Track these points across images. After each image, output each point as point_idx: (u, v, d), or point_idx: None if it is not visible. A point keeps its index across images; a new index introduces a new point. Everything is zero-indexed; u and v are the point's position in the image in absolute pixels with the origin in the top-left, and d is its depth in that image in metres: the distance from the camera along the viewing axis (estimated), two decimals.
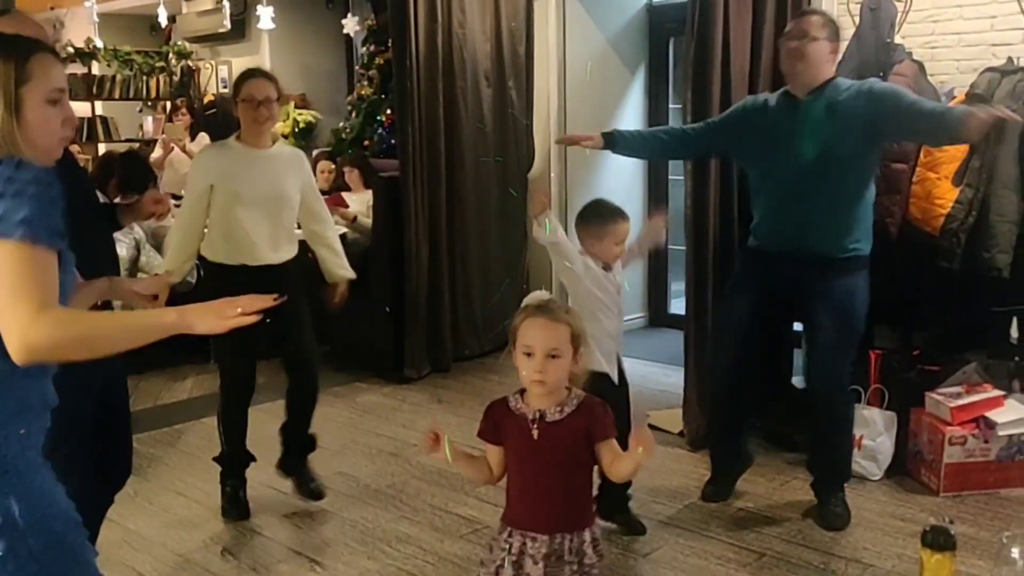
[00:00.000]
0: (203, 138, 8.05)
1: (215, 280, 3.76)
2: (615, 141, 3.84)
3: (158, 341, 2.15)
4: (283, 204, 3.74)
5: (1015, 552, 1.34)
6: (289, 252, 3.82)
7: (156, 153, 7.95)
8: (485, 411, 2.30)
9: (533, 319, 2.17)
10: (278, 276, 3.66)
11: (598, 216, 3.38)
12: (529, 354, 2.15)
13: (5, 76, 1.69)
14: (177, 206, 3.89)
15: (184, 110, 8.25)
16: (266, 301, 1.81)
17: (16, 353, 1.59)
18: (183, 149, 7.64)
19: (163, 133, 8.31)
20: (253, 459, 3.91)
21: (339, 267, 4.04)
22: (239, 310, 1.77)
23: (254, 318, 1.78)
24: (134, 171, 6.25)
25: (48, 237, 1.62)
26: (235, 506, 3.82)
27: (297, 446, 3.98)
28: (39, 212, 1.61)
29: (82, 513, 1.80)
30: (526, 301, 2.31)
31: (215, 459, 3.89)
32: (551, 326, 2.15)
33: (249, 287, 2.52)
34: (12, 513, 1.64)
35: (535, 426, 2.18)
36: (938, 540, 1.26)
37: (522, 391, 2.24)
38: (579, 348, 2.18)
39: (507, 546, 2.21)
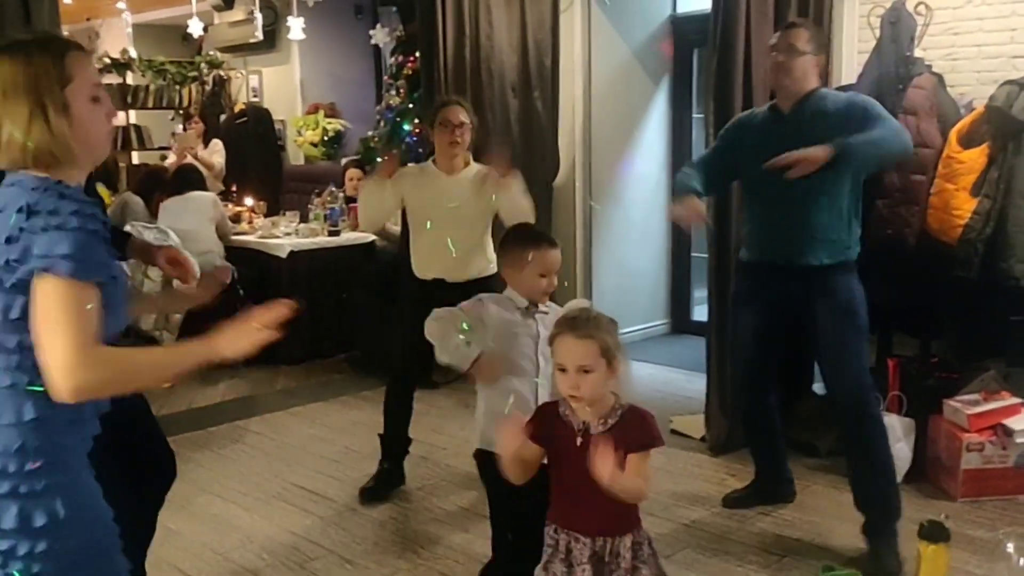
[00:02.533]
0: (216, 145, 8.21)
1: (416, 293, 4.04)
2: (701, 196, 3.71)
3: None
4: (471, 222, 3.99)
5: (1010, 547, 1.43)
6: (480, 269, 4.03)
7: (169, 160, 8.14)
8: (535, 412, 2.39)
9: (563, 336, 2.24)
10: (476, 291, 3.89)
11: (517, 240, 2.93)
12: (563, 370, 2.22)
13: (49, 79, 1.68)
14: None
15: (197, 118, 8.41)
16: (281, 311, 1.81)
17: (61, 393, 1.62)
18: (195, 156, 7.78)
19: (174, 141, 8.49)
20: (408, 445, 4.26)
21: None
22: (259, 327, 1.79)
23: (277, 333, 1.80)
24: (183, 182, 6.46)
25: (91, 272, 1.63)
26: (378, 486, 4.13)
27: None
28: (82, 246, 1.62)
29: (124, 516, 1.88)
30: (563, 310, 2.40)
31: (380, 435, 4.23)
32: (580, 343, 2.20)
33: (431, 296, 3.24)
34: (57, 514, 1.71)
35: (580, 435, 2.25)
36: (933, 532, 1.36)
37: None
38: (612, 360, 2.21)
39: (554, 542, 2.31)
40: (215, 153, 8.19)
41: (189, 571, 3.45)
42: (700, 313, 6.79)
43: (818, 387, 4.69)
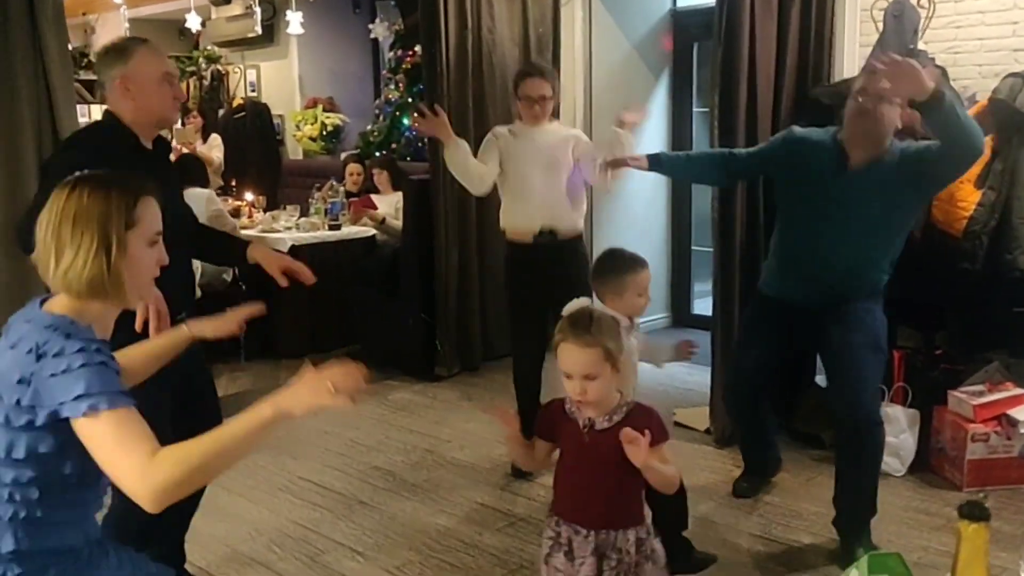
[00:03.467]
0: (214, 139, 8.20)
1: (508, 256, 4.24)
2: (660, 162, 3.77)
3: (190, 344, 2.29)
4: (559, 170, 4.08)
5: None
6: (571, 223, 4.17)
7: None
8: (542, 409, 2.41)
9: (566, 343, 2.24)
10: (566, 253, 4.13)
11: (614, 270, 3.01)
12: (568, 376, 2.24)
13: (119, 217, 1.75)
14: None
15: (195, 113, 8.39)
16: (357, 379, 1.73)
17: (147, 505, 1.62)
18: (194, 151, 7.76)
19: (172, 137, 8.46)
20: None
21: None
22: (332, 387, 1.70)
23: (348, 400, 1.71)
24: (183, 175, 6.43)
25: (112, 399, 1.64)
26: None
27: None
28: (100, 379, 1.64)
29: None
30: (565, 311, 2.38)
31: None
32: (583, 352, 2.21)
33: (545, 256, 3.89)
34: None
35: (586, 432, 2.28)
36: (974, 511, 1.37)
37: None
38: (616, 363, 2.23)
39: (555, 534, 2.32)
40: (214, 148, 8.18)
41: (199, 563, 3.45)
42: (701, 307, 6.82)
43: (821, 379, 4.71)
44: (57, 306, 1.77)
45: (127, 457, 1.62)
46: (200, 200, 6.37)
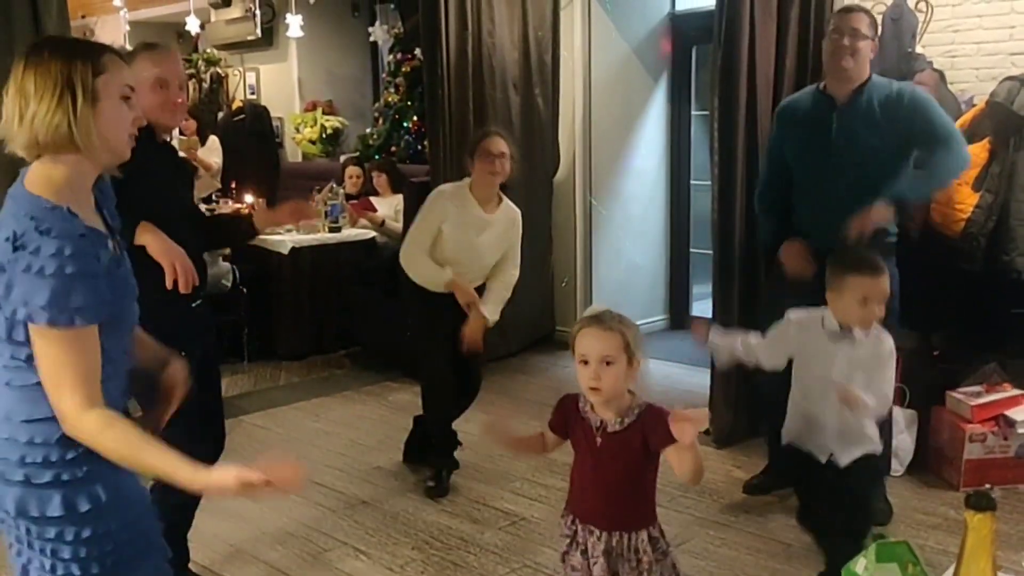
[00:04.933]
0: (213, 143, 8.19)
1: (418, 297, 4.11)
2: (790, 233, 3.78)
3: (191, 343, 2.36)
4: (484, 260, 4.12)
5: None
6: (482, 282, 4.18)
7: None
8: (557, 403, 2.39)
9: (587, 329, 2.25)
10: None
11: (840, 264, 2.89)
12: (585, 362, 2.23)
13: (83, 67, 1.73)
14: None
15: (187, 115, 8.35)
16: (291, 481, 1.70)
17: (63, 428, 1.72)
18: (194, 157, 7.70)
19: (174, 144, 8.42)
20: (460, 443, 4.31)
21: (488, 304, 4.16)
22: (259, 483, 1.67)
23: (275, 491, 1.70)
24: None
25: (72, 317, 1.65)
26: (438, 483, 4.15)
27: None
28: (59, 293, 1.64)
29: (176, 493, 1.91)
30: (587, 312, 2.39)
31: (413, 417, 4.40)
32: (604, 335, 2.22)
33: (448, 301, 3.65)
34: (100, 499, 1.76)
35: (598, 434, 2.27)
36: (980, 501, 1.40)
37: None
38: (633, 357, 2.23)
39: (571, 532, 2.33)
40: (213, 152, 8.16)
41: (203, 561, 3.47)
42: (699, 309, 6.85)
43: None
44: (34, 183, 1.73)
45: (63, 389, 1.69)
46: None
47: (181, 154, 7.67)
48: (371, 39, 8.18)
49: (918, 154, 3.59)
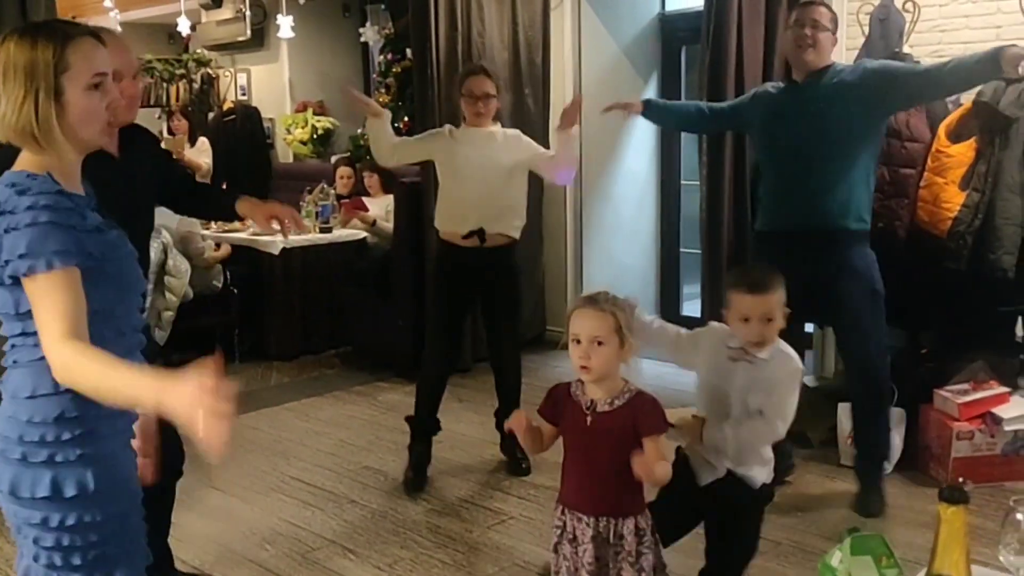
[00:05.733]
0: (202, 143, 8.19)
1: (438, 256, 4.23)
2: (650, 107, 4.13)
3: (184, 341, 2.33)
4: (505, 174, 4.05)
5: (1020, 515, 1.50)
6: (505, 227, 4.09)
7: None
8: (549, 392, 2.43)
9: (581, 309, 2.32)
10: (498, 256, 4.09)
11: (729, 281, 2.84)
12: (577, 341, 2.28)
13: (45, 64, 1.72)
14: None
15: (179, 115, 8.36)
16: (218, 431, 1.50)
17: (53, 371, 1.70)
18: (182, 158, 7.67)
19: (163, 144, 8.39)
20: (439, 428, 4.30)
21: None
22: (208, 411, 1.50)
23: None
24: None
25: (49, 259, 1.67)
26: (416, 472, 4.17)
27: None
28: (33, 240, 1.67)
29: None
30: (581, 295, 2.44)
31: (407, 419, 4.25)
32: (596, 315, 2.28)
33: (475, 260, 3.76)
34: (87, 486, 1.76)
35: (588, 413, 2.31)
36: (953, 495, 1.42)
37: (582, 382, 2.36)
38: (624, 339, 2.27)
39: (561, 523, 2.36)
40: (202, 153, 8.16)
41: (192, 562, 3.47)
42: (689, 308, 6.86)
43: (809, 379, 4.77)
44: (21, 162, 1.79)
45: (47, 324, 1.67)
46: (172, 216, 6.31)
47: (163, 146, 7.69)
48: (362, 40, 8.16)
49: (906, 94, 3.67)
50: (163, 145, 8.34)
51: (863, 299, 3.70)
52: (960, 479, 1.59)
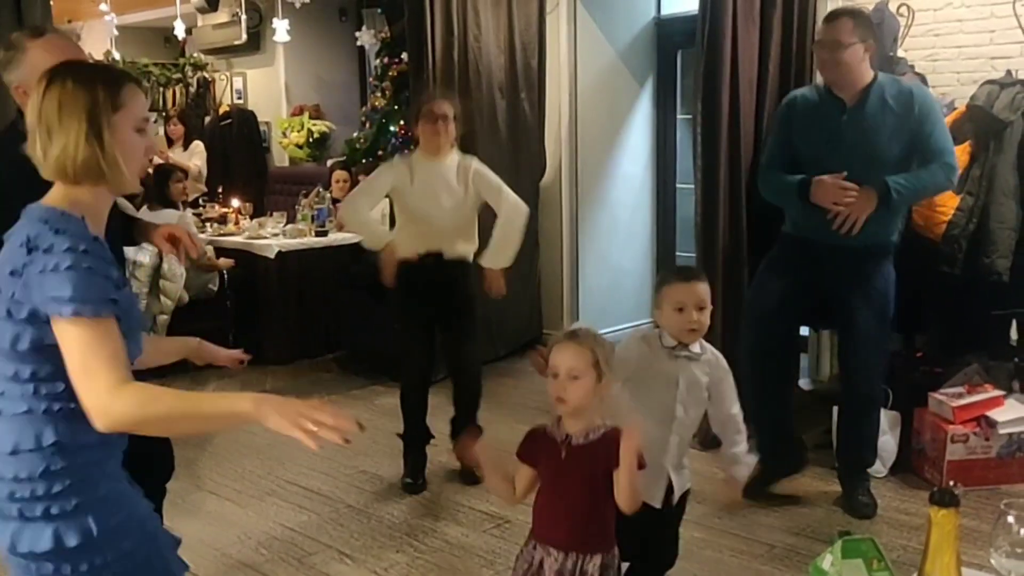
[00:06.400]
0: (196, 146, 8.19)
1: (403, 274, 4.16)
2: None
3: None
4: (458, 201, 4.11)
5: (1011, 518, 1.50)
6: (466, 250, 4.21)
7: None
8: (526, 434, 2.39)
9: (560, 343, 2.29)
10: (455, 273, 4.14)
11: (658, 279, 2.83)
12: (555, 375, 2.26)
13: (105, 101, 1.76)
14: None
15: (175, 120, 8.37)
16: (344, 431, 1.63)
17: (98, 425, 1.66)
18: (167, 159, 7.63)
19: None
20: (432, 436, 4.35)
21: (490, 251, 4.24)
22: (314, 426, 1.62)
23: (316, 444, 1.63)
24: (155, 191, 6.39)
25: (95, 308, 1.66)
26: (415, 479, 4.20)
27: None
28: (79, 285, 1.65)
29: None
30: (567, 329, 2.40)
31: (398, 435, 4.26)
32: (574, 349, 2.26)
33: (432, 276, 3.63)
34: (90, 531, 1.73)
35: (563, 447, 2.28)
36: (944, 498, 1.43)
37: (560, 418, 2.33)
38: (602, 375, 2.25)
39: (530, 558, 2.33)
40: (194, 155, 8.16)
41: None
42: None
43: (804, 382, 4.78)
44: (51, 199, 1.77)
45: (95, 374, 1.64)
46: (170, 217, 6.31)
47: (155, 160, 7.69)
48: (358, 43, 8.18)
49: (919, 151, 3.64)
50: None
51: (873, 318, 3.70)
52: (952, 482, 1.59)
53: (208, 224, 7.04)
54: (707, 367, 2.69)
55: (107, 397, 1.63)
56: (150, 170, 7.47)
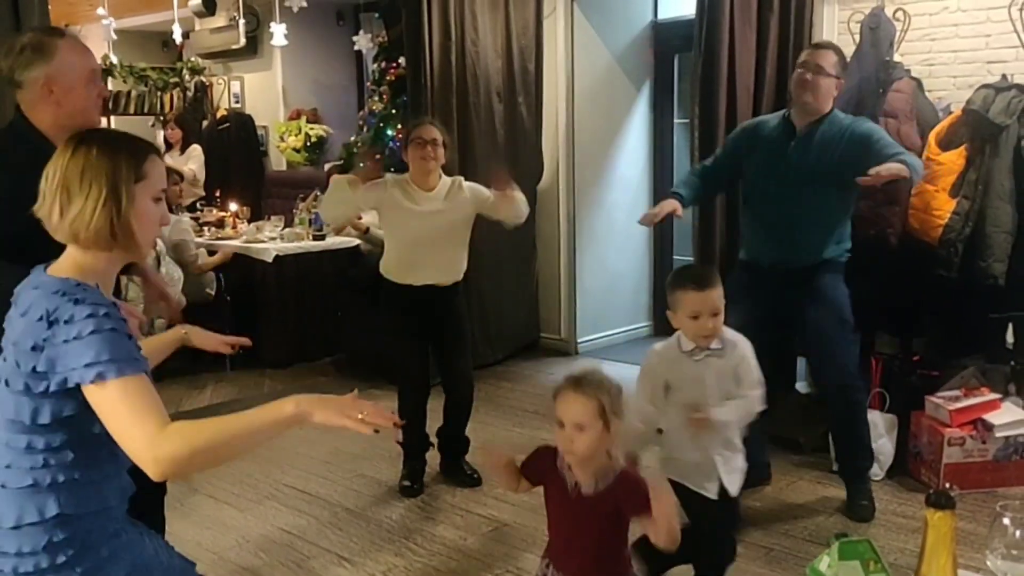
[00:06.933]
0: (193, 150, 8.19)
1: (389, 296, 4.21)
2: (684, 201, 3.92)
3: (176, 350, 2.32)
4: (450, 233, 4.13)
5: (1007, 520, 1.51)
6: (454, 277, 4.22)
7: None
8: (534, 452, 2.37)
9: (565, 393, 2.24)
10: (447, 296, 4.16)
11: (671, 284, 2.86)
12: (561, 425, 2.22)
13: (127, 170, 1.79)
14: None
15: (173, 124, 8.37)
16: (388, 420, 1.75)
17: (152, 475, 1.64)
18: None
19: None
20: (431, 444, 4.37)
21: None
22: (361, 416, 1.71)
23: (369, 428, 1.72)
24: None
25: (131, 367, 1.67)
26: (413, 483, 4.22)
27: (452, 449, 4.40)
28: (110, 346, 1.66)
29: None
30: (568, 375, 2.34)
31: (398, 442, 4.25)
32: (579, 400, 2.20)
33: (418, 302, 3.52)
34: None
35: (572, 493, 2.25)
36: (940, 500, 1.44)
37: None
38: (610, 422, 2.20)
39: None
40: (190, 159, 8.16)
41: None
42: None
43: (801, 385, 4.79)
44: (61, 269, 1.79)
45: (136, 426, 1.64)
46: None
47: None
48: (355, 48, 8.18)
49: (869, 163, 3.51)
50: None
51: (828, 317, 3.76)
52: (948, 485, 1.60)
53: (206, 228, 7.05)
54: (728, 356, 2.80)
55: (152, 446, 1.63)
56: None
